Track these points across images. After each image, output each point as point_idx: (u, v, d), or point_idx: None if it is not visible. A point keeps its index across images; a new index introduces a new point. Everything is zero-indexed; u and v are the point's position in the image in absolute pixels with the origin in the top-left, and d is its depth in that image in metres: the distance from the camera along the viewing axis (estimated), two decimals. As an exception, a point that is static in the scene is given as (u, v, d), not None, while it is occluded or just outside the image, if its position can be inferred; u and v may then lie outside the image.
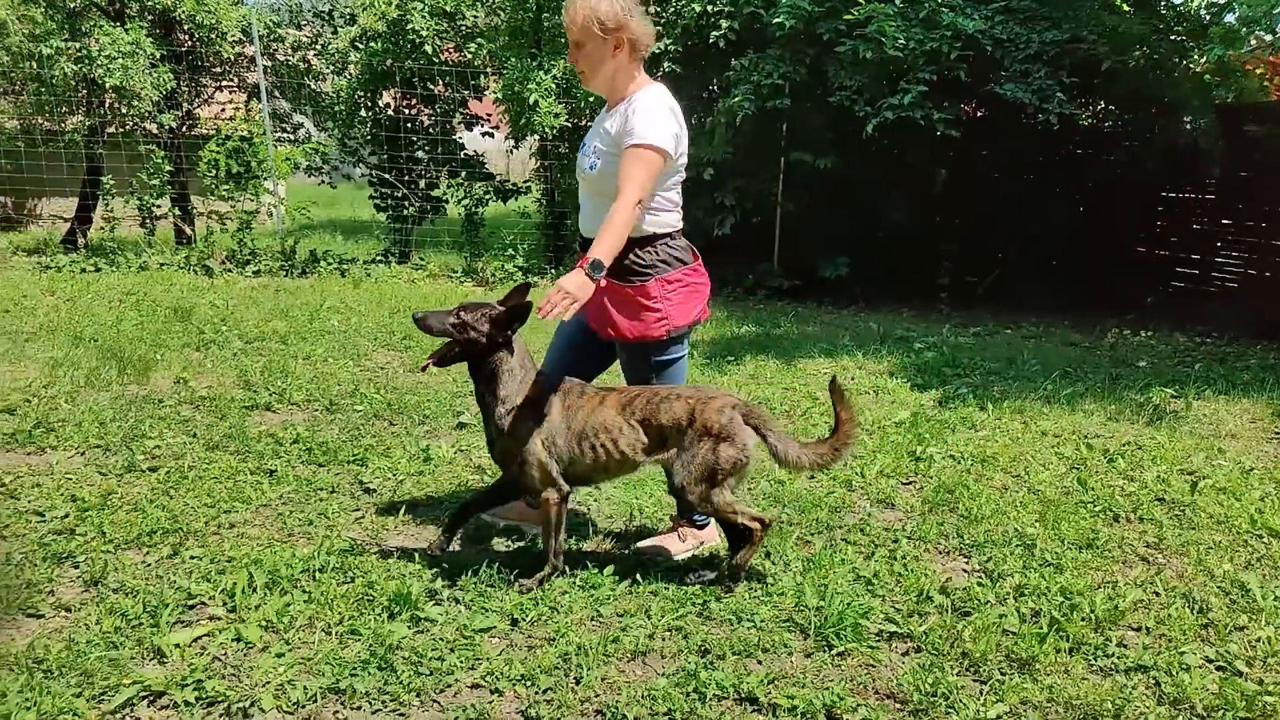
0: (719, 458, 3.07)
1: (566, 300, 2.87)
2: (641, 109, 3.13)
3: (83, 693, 2.50)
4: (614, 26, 3.13)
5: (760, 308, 9.58)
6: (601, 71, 3.23)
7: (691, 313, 3.39)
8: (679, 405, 3.13)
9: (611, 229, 3.00)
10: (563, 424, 3.16)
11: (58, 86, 11.38)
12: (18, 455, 4.37)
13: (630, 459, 3.17)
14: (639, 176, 3.06)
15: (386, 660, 2.73)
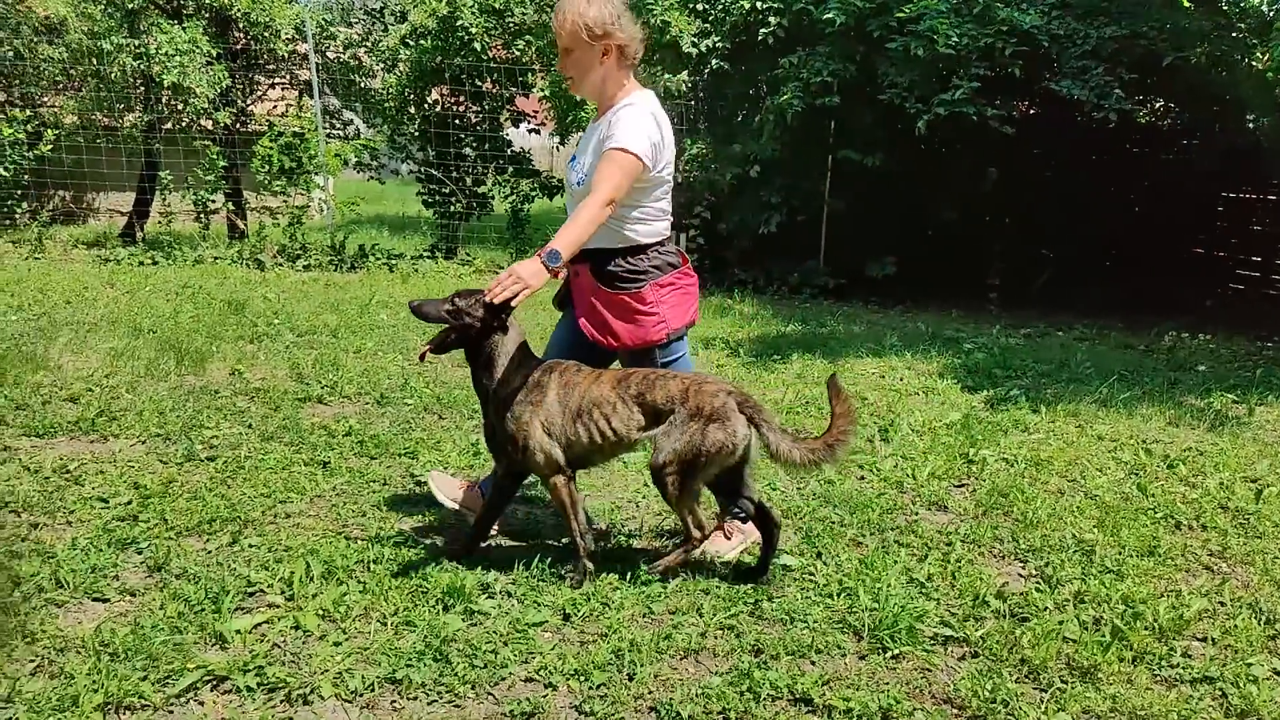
0: (706, 439, 3.04)
1: (518, 285, 2.87)
2: (625, 116, 3.14)
3: (148, 676, 2.55)
4: (601, 33, 3.13)
5: (805, 306, 9.52)
6: (590, 78, 3.23)
7: (686, 314, 3.41)
8: (674, 384, 3.13)
9: (577, 223, 2.98)
10: (559, 405, 3.17)
11: (116, 83, 11.66)
12: (82, 443, 4.48)
13: (625, 437, 3.16)
14: (614, 178, 3.05)
15: (441, 652, 2.75)
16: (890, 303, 9.73)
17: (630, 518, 3.90)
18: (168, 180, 10.63)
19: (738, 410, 3.08)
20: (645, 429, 3.14)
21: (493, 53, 10.72)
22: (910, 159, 9.61)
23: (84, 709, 2.39)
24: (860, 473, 4.50)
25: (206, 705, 2.49)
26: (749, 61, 10.02)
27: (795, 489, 4.27)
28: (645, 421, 3.14)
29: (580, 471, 3.38)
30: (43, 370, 5.46)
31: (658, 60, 10.09)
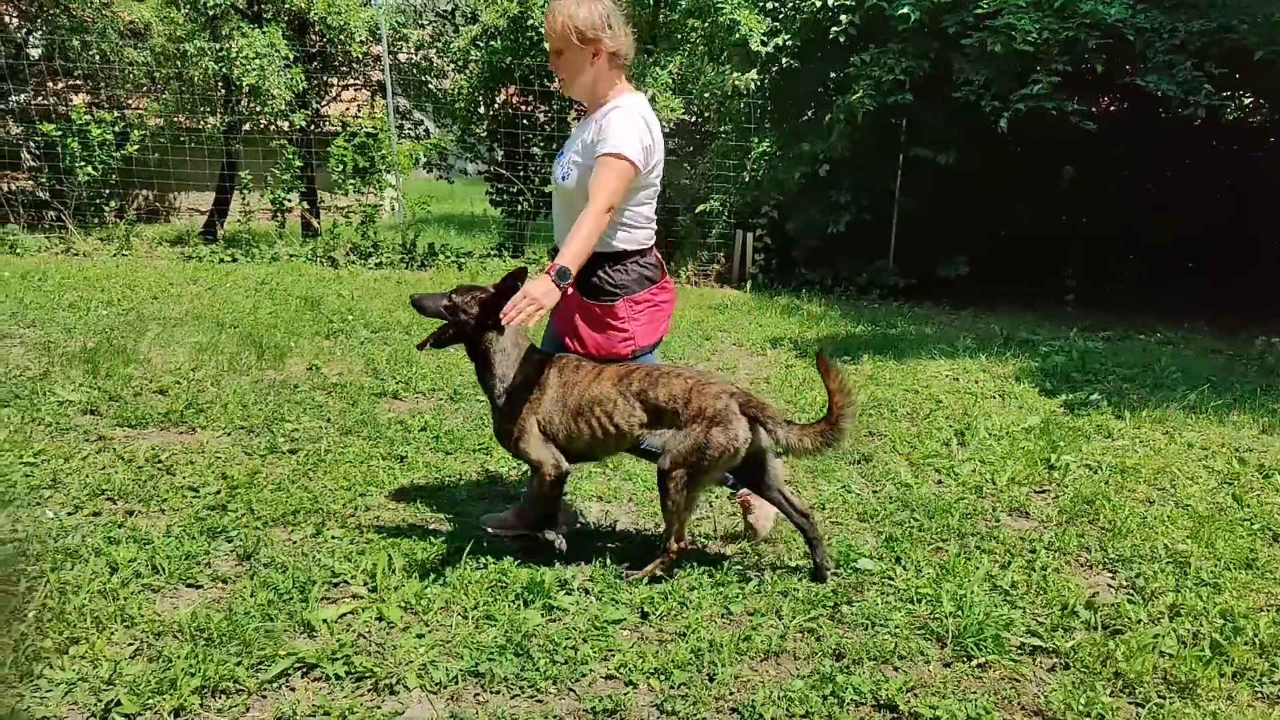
0: (709, 441, 3.03)
1: (532, 306, 2.89)
2: (615, 119, 3.11)
3: (242, 661, 2.62)
4: (592, 36, 3.12)
5: (874, 307, 9.38)
6: (581, 79, 3.22)
7: (656, 332, 3.37)
8: (677, 383, 3.12)
9: (579, 235, 2.99)
10: (559, 401, 3.18)
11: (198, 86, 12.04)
12: (171, 433, 4.62)
13: (626, 434, 3.16)
14: (610, 184, 3.04)
15: (523, 647, 2.77)
16: (961, 304, 9.54)
17: (704, 517, 3.89)
18: (247, 180, 10.92)
19: (739, 412, 3.08)
20: (647, 426, 3.15)
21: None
22: (984, 157, 9.41)
23: (182, 691, 2.46)
24: (938, 477, 4.42)
25: (298, 691, 2.55)
26: (819, 60, 9.92)
27: (872, 492, 4.21)
28: (647, 419, 3.14)
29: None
30: (133, 363, 5.66)
31: (725, 59, 10.06)
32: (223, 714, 2.44)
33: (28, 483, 3.81)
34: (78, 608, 2.83)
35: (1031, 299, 9.57)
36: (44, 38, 13.10)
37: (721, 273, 10.50)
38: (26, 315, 6.80)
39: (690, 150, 11.35)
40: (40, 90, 13.15)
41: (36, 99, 13.02)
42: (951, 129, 9.24)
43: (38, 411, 4.68)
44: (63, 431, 4.48)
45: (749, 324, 8.07)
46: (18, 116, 12.52)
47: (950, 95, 8.77)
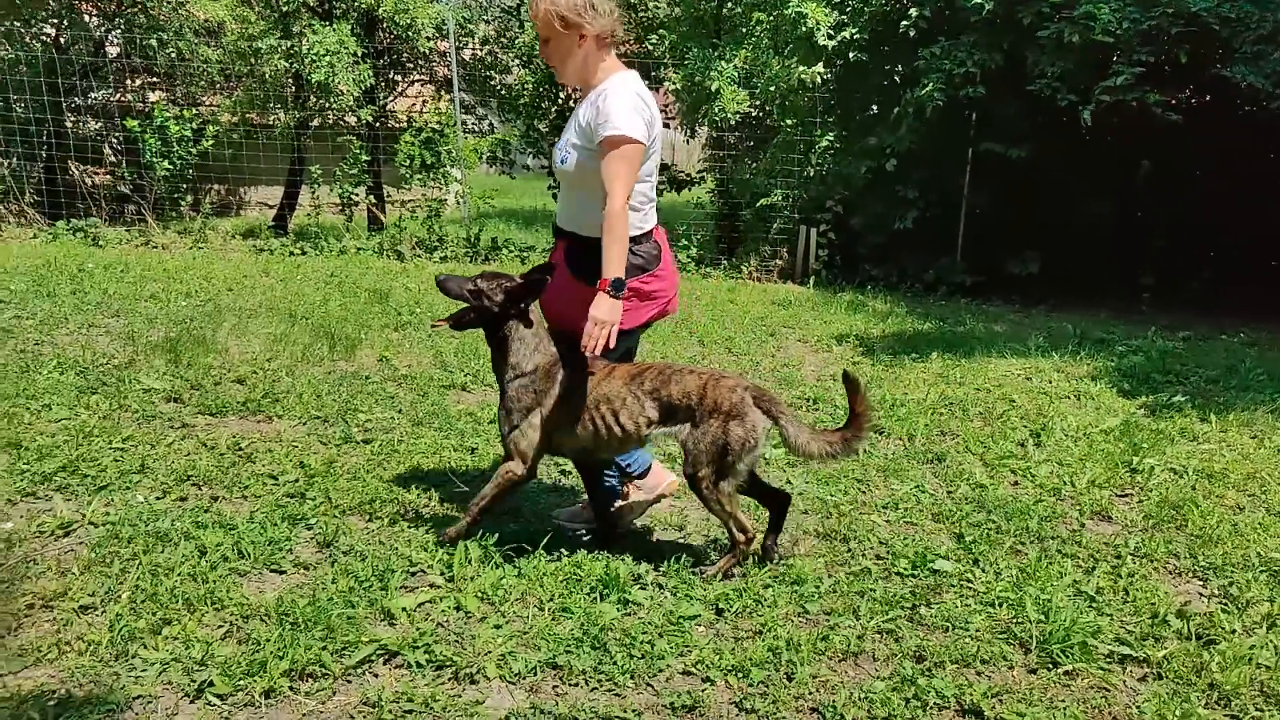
0: (729, 437, 3.05)
1: (602, 329, 2.96)
2: (611, 100, 3.06)
3: (327, 646, 2.67)
4: (574, 20, 3.10)
5: (942, 304, 9.22)
6: (570, 64, 3.20)
7: (639, 318, 3.30)
8: (691, 380, 3.13)
9: (614, 238, 2.99)
10: (565, 398, 3.19)
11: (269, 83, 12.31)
12: (250, 422, 4.74)
13: (632, 433, 3.17)
14: (623, 173, 3.02)
15: (599, 640, 2.78)
16: (1032, 301, 9.31)
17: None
18: (316, 175, 11.14)
19: (754, 405, 3.09)
20: (658, 424, 3.16)
21: (625, 47, 10.79)
22: (1057, 151, 9.16)
23: (272, 674, 2.52)
24: (1014, 478, 4.32)
25: (382, 678, 2.60)
26: (886, 53, 9.77)
27: (946, 492, 4.14)
28: (659, 416, 3.14)
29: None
30: (212, 353, 5.81)
31: (790, 52, 9.95)
32: (311, 697, 2.49)
33: (118, 467, 3.94)
34: (169, 589, 2.92)
35: (1105, 297, 9.30)
36: (122, 36, 13.54)
37: (784, 268, 10.41)
38: (111, 306, 7.03)
39: (751, 144, 11.25)
40: (118, 88, 13.60)
41: (115, 96, 13.46)
42: (1024, 122, 9.02)
43: (125, 399, 4.84)
44: (148, 418, 4.62)
45: (813, 320, 7.99)
46: (97, 113, 12.96)
47: (1024, 88, 8.56)
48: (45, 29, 12.55)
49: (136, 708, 2.41)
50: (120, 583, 2.97)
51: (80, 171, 11.48)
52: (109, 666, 2.56)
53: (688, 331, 7.26)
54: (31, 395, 4.78)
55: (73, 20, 12.73)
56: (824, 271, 10.11)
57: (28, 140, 10.83)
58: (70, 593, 2.89)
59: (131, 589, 2.93)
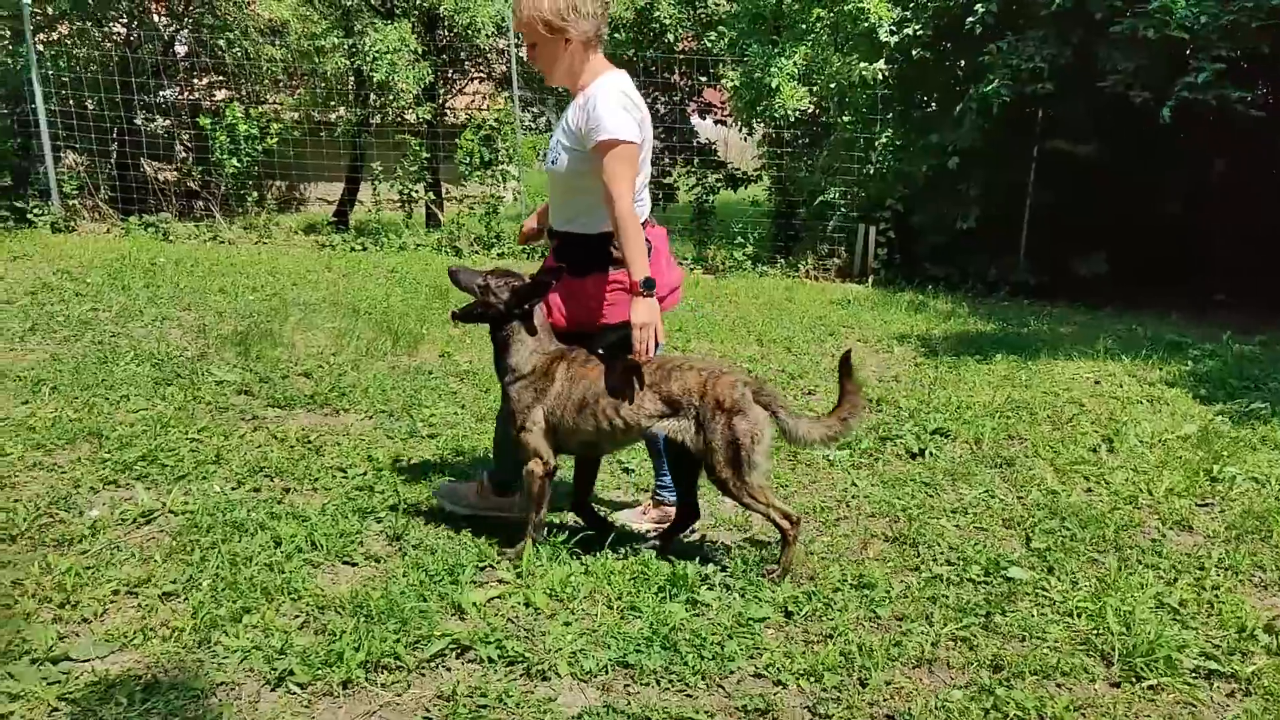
0: (736, 432, 3.06)
1: (649, 331, 3.00)
2: (599, 103, 3.04)
3: (401, 639, 2.70)
4: (559, 25, 3.09)
5: (1005, 305, 9.04)
6: (558, 67, 3.20)
7: (627, 313, 3.20)
8: (691, 375, 3.13)
9: (628, 241, 3.01)
10: (566, 395, 3.18)
11: (331, 80, 12.53)
12: (318, 415, 4.82)
13: (633, 426, 3.17)
14: (624, 175, 3.02)
15: (669, 640, 2.77)
16: (1098, 303, 9.08)
17: (843, 516, 3.82)
18: (378, 171, 11.31)
19: (754, 400, 3.10)
20: (658, 418, 3.16)
21: (683, 45, 10.77)
22: (1127, 149, 8.92)
23: (349, 665, 2.55)
24: (1087, 485, 4.22)
25: (455, 672, 2.62)
26: (949, 49, 9.60)
27: (1016, 498, 4.05)
28: (659, 411, 3.15)
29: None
30: (279, 347, 5.93)
31: (850, 48, 9.84)
32: (387, 689, 2.52)
33: (194, 458, 4.03)
34: (248, 579, 2.98)
35: (1176, 299, 9.03)
36: (190, 36, 13.88)
37: (842, 267, 10.30)
38: (182, 299, 7.21)
39: (806, 141, 11.15)
40: (186, 86, 13.96)
41: (182, 94, 13.81)
42: (1093, 120, 8.79)
43: (198, 390, 4.96)
44: (221, 410, 4.73)
45: (873, 320, 7.89)
46: (165, 111, 13.31)
47: (1094, 84, 8.34)
48: (116, 28, 12.92)
49: (220, 694, 2.46)
50: (201, 571, 3.03)
51: (152, 169, 11.78)
52: (192, 653, 2.62)
53: (745, 330, 7.22)
54: (110, 386, 4.91)
55: (143, 20, 13.09)
56: (883, 270, 9.99)
57: (101, 138, 11.16)
58: (154, 579, 2.97)
59: (212, 577, 2.99)
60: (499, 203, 10.85)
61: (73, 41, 11.69)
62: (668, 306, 3.40)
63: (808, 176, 10.62)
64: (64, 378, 4.97)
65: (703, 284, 9.40)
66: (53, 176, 10.50)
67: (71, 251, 8.87)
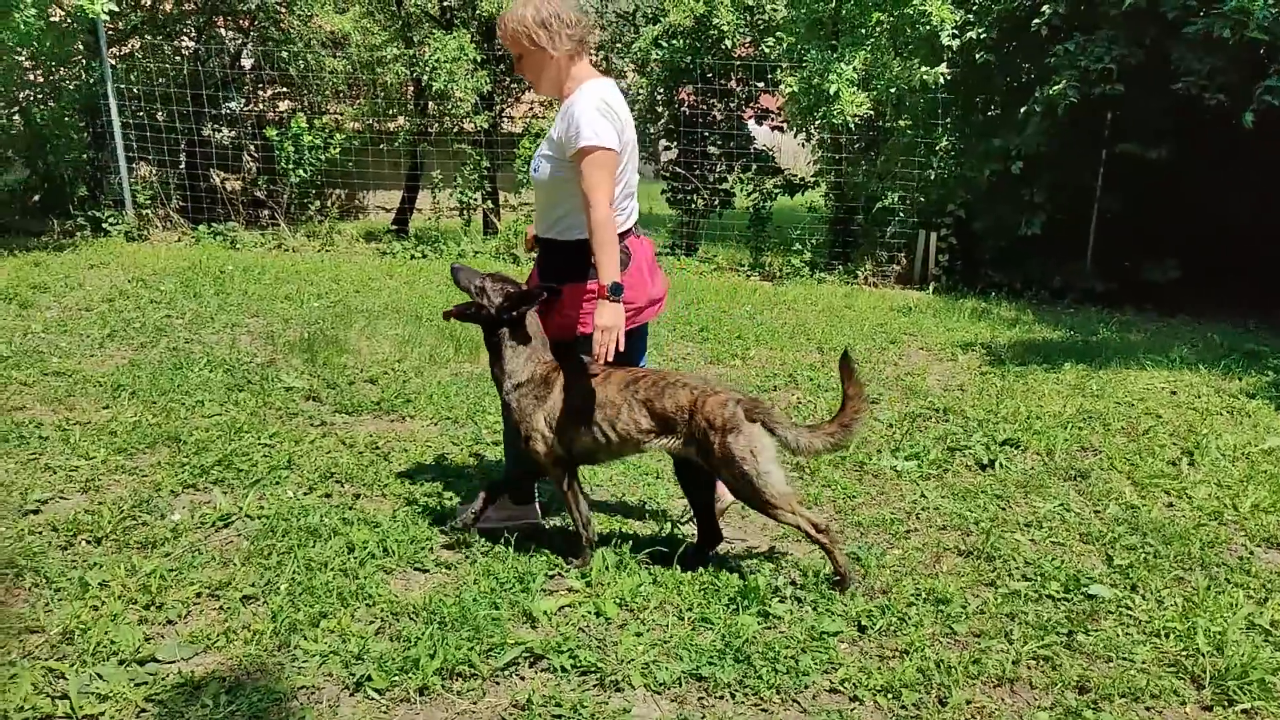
0: (732, 450, 3.03)
1: (610, 334, 2.99)
2: (579, 112, 3.06)
3: (475, 646, 2.72)
4: (543, 38, 3.12)
5: (1071, 312, 8.83)
6: (545, 77, 3.23)
7: None
8: (683, 393, 3.11)
9: (601, 245, 3.01)
10: (564, 403, 3.18)
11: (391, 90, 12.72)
12: (384, 421, 4.88)
13: (630, 439, 3.16)
14: (602, 181, 3.03)
15: (743, 653, 2.75)
16: (1169, 310, 8.83)
17: (913, 529, 3.75)
18: (437, 180, 11.45)
19: (746, 418, 3.05)
20: (653, 434, 3.14)
21: (740, 51, 10.73)
22: (1201, 152, 8.66)
23: (424, 672, 2.57)
24: (1168, 499, 4.09)
25: (529, 681, 2.62)
26: (1013, 52, 9.42)
27: (1093, 512, 3.94)
28: (653, 427, 3.13)
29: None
30: (345, 353, 6.02)
31: (911, 52, 9.71)
32: (463, 696, 2.53)
33: (267, 463, 4.11)
34: (324, 584, 3.02)
35: (1252, 307, 8.74)
36: (254, 49, 14.23)
37: (901, 273, 10.16)
38: (250, 306, 7.37)
39: (864, 147, 11.03)
40: (251, 98, 14.29)
41: (248, 106, 14.15)
42: (1164, 122, 8.55)
43: (268, 396, 5.06)
44: (291, 416, 4.82)
45: (935, 328, 7.76)
46: (231, 122, 13.65)
47: (1167, 86, 8.11)
48: (186, 43, 13.30)
49: (301, 697, 2.50)
50: (278, 575, 3.09)
51: (220, 178, 12.09)
52: (273, 656, 2.66)
53: (805, 337, 7.15)
54: (185, 391, 5.04)
55: (210, 35, 13.45)
56: (944, 277, 9.83)
57: (171, 149, 11.48)
58: (234, 582, 3.02)
59: (289, 581, 3.04)
60: (555, 210, 10.90)
61: (144, 56, 12.05)
62: (649, 316, 3.42)
63: (865, 182, 10.49)
64: (142, 383, 5.11)
65: (760, 291, 9.34)
66: (127, 187, 10.83)
67: (145, 260, 9.14)
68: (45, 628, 2.71)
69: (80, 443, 4.20)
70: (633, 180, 3.35)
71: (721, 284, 9.65)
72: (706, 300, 8.53)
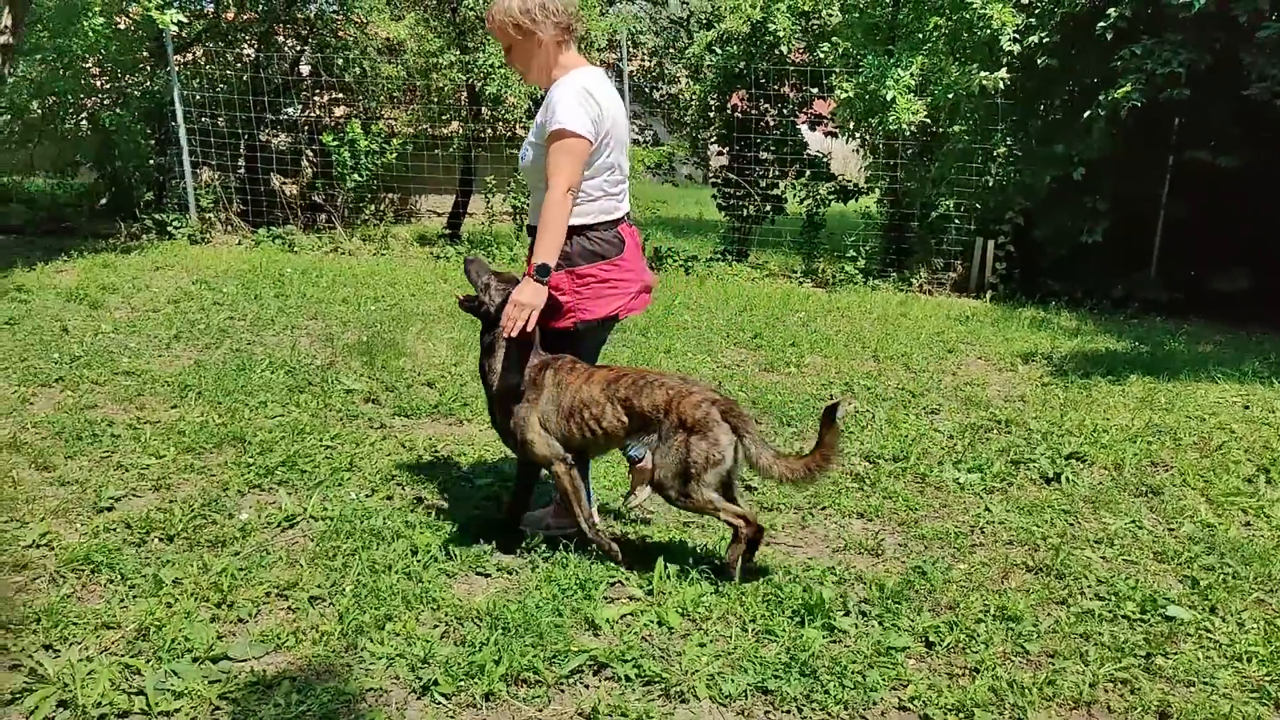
0: (691, 452, 3.06)
1: (523, 312, 3.05)
2: (558, 97, 3.12)
3: (539, 653, 2.71)
4: (529, 26, 3.17)
5: (1133, 322, 8.61)
6: (534, 66, 3.27)
7: (606, 308, 3.31)
8: (660, 393, 3.15)
9: (546, 225, 3.08)
10: (553, 402, 3.23)
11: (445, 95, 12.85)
12: (442, 424, 4.92)
13: (613, 435, 3.22)
14: (564, 166, 3.07)
15: (809, 667, 2.71)
16: (1238, 322, 8.56)
17: (978, 543, 3.67)
18: (490, 184, 11.54)
19: (721, 420, 3.08)
20: (632, 432, 3.20)
21: (795, 56, 10.67)
22: (1272, 160, 8.39)
23: (490, 677, 2.58)
24: (1245, 517, 3.96)
25: (593, 689, 2.61)
26: (1076, 56, 9.23)
27: (1167, 530, 3.83)
28: (632, 424, 3.18)
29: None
30: (403, 356, 6.09)
31: (969, 56, 9.56)
32: (528, 703, 2.53)
33: (330, 464, 4.16)
34: (389, 586, 3.05)
35: (1326, 319, 8.45)
36: (312, 56, 14.49)
37: (957, 281, 10.00)
38: (309, 309, 7.49)
39: (918, 152, 10.89)
40: (308, 104, 14.56)
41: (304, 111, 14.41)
42: (1235, 128, 8.31)
43: (329, 398, 5.13)
44: (351, 418, 4.88)
45: (994, 337, 7.62)
46: (288, 127, 13.91)
47: (1237, 91, 7.88)
48: (246, 50, 13.59)
49: (369, 699, 2.52)
50: (344, 576, 3.12)
51: (280, 182, 12.33)
52: (341, 657, 2.69)
53: (860, 345, 7.07)
54: (249, 392, 5.13)
55: (270, 42, 13.74)
56: (1001, 285, 9.65)
57: (232, 154, 11.74)
58: (301, 583, 3.06)
59: (354, 583, 3.07)
60: (607, 215, 10.92)
61: (207, 63, 12.34)
62: (645, 303, 3.46)
63: (919, 188, 10.35)
64: (207, 384, 5.21)
65: (813, 297, 9.26)
66: (191, 191, 11.10)
67: (207, 262, 9.34)
68: (121, 624, 2.77)
69: (150, 441, 4.29)
70: (623, 167, 3.38)
71: (773, 290, 9.58)
72: (759, 306, 8.48)
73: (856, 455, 4.62)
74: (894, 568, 3.46)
